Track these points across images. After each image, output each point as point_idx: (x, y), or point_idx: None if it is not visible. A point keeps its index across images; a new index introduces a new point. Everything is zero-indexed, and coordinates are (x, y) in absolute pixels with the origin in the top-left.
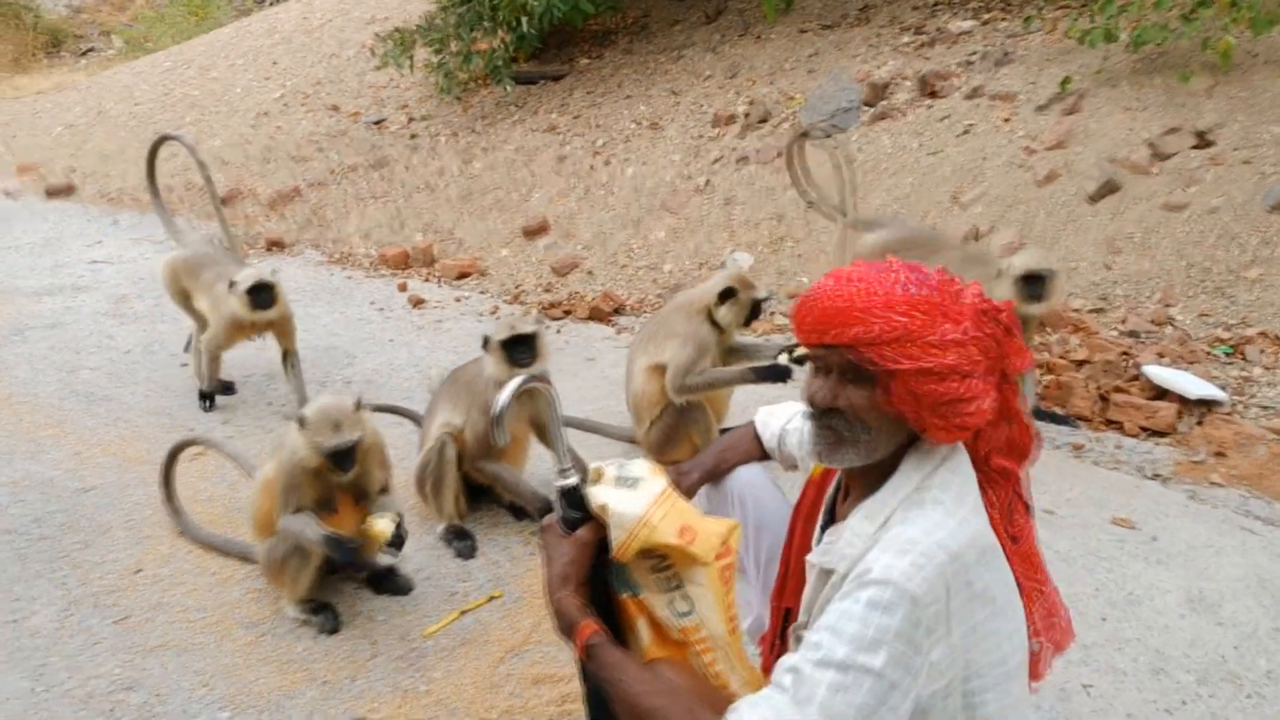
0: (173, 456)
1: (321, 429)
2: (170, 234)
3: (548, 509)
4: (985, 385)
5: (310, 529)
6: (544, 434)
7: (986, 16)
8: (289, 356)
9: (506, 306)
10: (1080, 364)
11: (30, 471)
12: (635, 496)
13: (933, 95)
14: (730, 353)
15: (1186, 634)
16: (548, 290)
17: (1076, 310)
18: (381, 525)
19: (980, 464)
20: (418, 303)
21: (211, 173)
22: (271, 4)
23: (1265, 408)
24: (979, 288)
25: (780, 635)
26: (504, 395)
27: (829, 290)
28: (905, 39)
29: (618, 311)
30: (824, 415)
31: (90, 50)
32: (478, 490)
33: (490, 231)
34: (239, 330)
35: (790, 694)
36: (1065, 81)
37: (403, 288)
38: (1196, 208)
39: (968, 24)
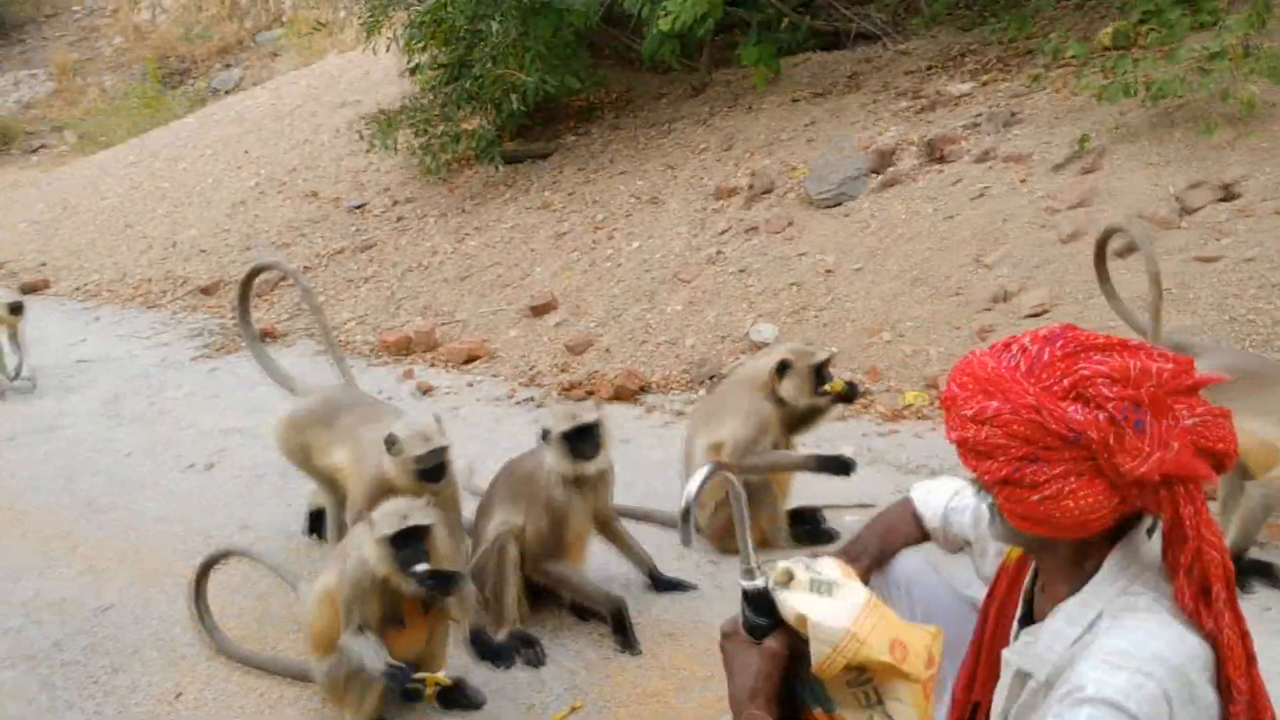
0: (206, 569)
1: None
2: (276, 379)
3: (619, 611)
4: (1069, 480)
5: (370, 657)
6: (607, 528)
7: (985, 78)
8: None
9: (523, 389)
10: None
11: (42, 589)
12: (837, 606)
13: (941, 159)
14: (802, 421)
15: None
16: (564, 370)
17: None
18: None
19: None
20: (427, 390)
21: (193, 265)
22: (228, 93)
23: None
24: (1154, 373)
25: None
26: (692, 488)
27: None
28: (903, 104)
29: (644, 390)
30: (975, 483)
31: (41, 147)
32: (535, 592)
33: (494, 311)
34: (387, 494)
35: None
36: (1084, 140)
37: (408, 374)
38: (1231, 259)
39: (966, 86)
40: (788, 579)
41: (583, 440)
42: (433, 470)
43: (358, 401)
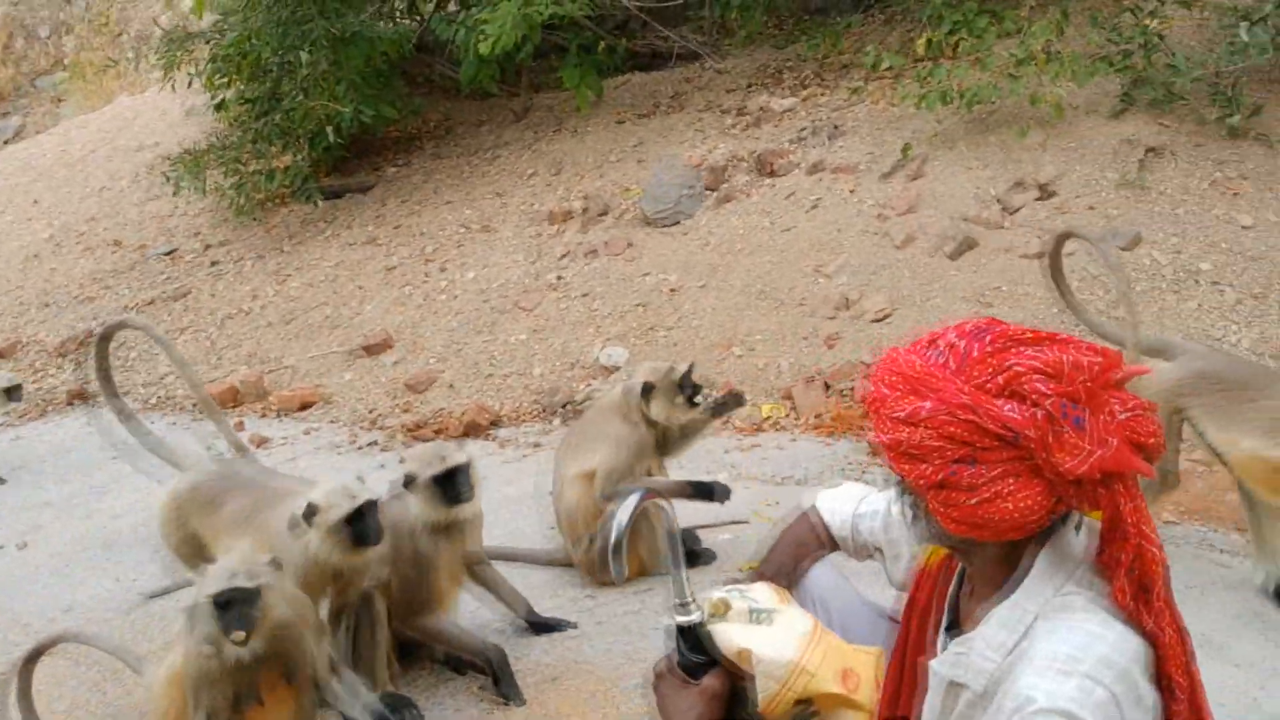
0: (30, 661)
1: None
2: (157, 453)
3: (503, 661)
4: (1007, 481)
5: None
6: (477, 573)
7: (805, 93)
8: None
9: (365, 434)
10: None
11: None
12: (779, 636)
13: (773, 174)
14: (679, 439)
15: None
16: (407, 410)
17: None
18: None
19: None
20: (261, 443)
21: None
22: (7, 142)
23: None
24: (1088, 362)
25: None
26: (622, 518)
27: None
28: (729, 121)
29: (495, 424)
30: (898, 485)
31: None
32: (403, 648)
33: (325, 354)
34: (322, 581)
35: None
36: (907, 148)
37: (239, 427)
38: None
39: (788, 101)
40: (724, 610)
41: (454, 483)
42: (366, 530)
43: (258, 477)
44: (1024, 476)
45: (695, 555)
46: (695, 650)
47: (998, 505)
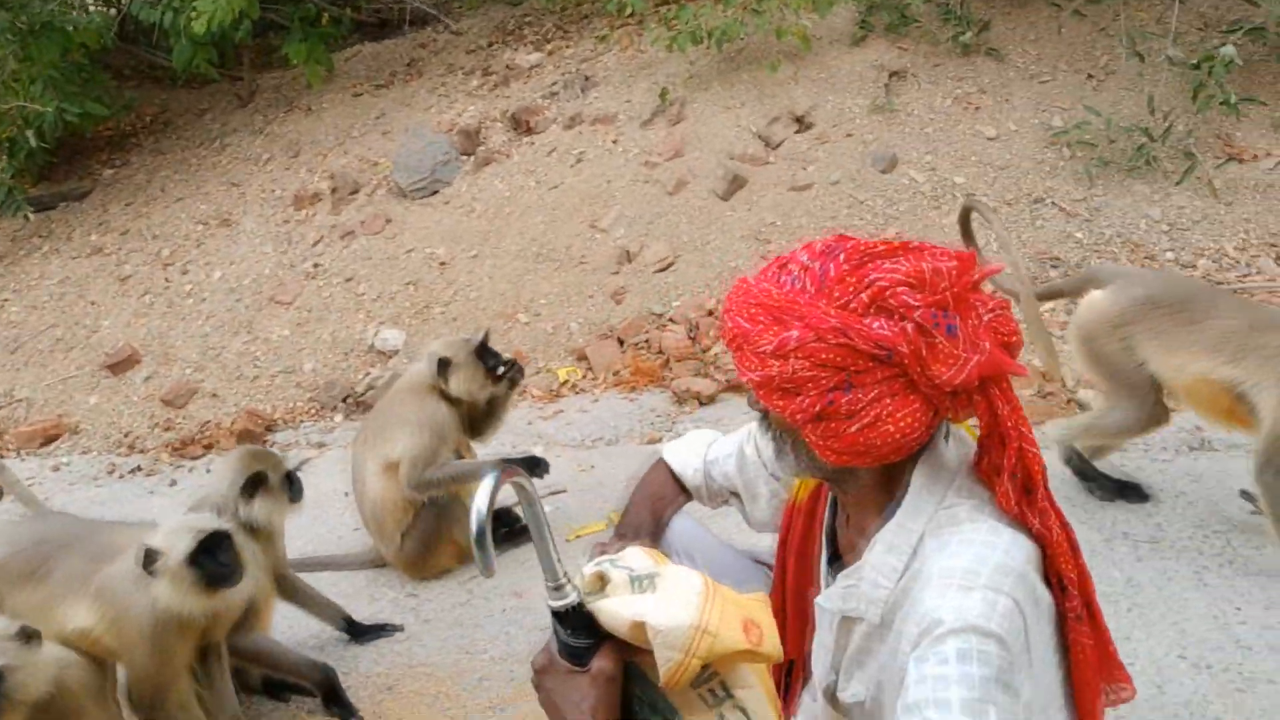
0: None
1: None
2: None
3: (328, 679)
4: (884, 402)
5: None
6: (286, 584)
7: (550, 46)
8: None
9: (125, 460)
10: None
11: None
12: (671, 601)
13: (529, 131)
14: (486, 416)
15: None
16: (168, 429)
17: None
18: None
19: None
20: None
21: None
22: None
23: None
24: (945, 270)
25: (784, 692)
26: (481, 505)
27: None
28: (474, 82)
29: (270, 429)
30: (762, 421)
31: None
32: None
33: (64, 379)
34: (184, 637)
35: None
36: (664, 93)
37: None
38: (820, 184)
39: (534, 56)
40: (601, 585)
41: (298, 479)
42: (221, 569)
43: (83, 530)
44: (900, 395)
45: (519, 534)
46: (579, 634)
47: (879, 429)
